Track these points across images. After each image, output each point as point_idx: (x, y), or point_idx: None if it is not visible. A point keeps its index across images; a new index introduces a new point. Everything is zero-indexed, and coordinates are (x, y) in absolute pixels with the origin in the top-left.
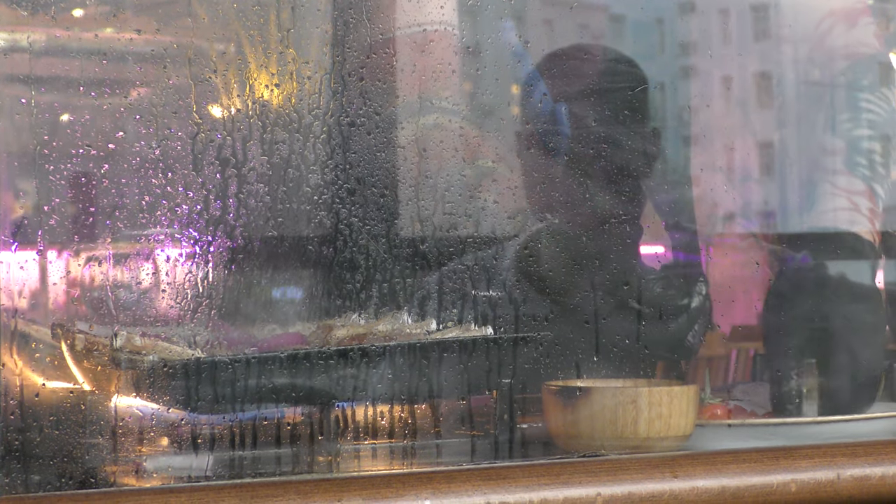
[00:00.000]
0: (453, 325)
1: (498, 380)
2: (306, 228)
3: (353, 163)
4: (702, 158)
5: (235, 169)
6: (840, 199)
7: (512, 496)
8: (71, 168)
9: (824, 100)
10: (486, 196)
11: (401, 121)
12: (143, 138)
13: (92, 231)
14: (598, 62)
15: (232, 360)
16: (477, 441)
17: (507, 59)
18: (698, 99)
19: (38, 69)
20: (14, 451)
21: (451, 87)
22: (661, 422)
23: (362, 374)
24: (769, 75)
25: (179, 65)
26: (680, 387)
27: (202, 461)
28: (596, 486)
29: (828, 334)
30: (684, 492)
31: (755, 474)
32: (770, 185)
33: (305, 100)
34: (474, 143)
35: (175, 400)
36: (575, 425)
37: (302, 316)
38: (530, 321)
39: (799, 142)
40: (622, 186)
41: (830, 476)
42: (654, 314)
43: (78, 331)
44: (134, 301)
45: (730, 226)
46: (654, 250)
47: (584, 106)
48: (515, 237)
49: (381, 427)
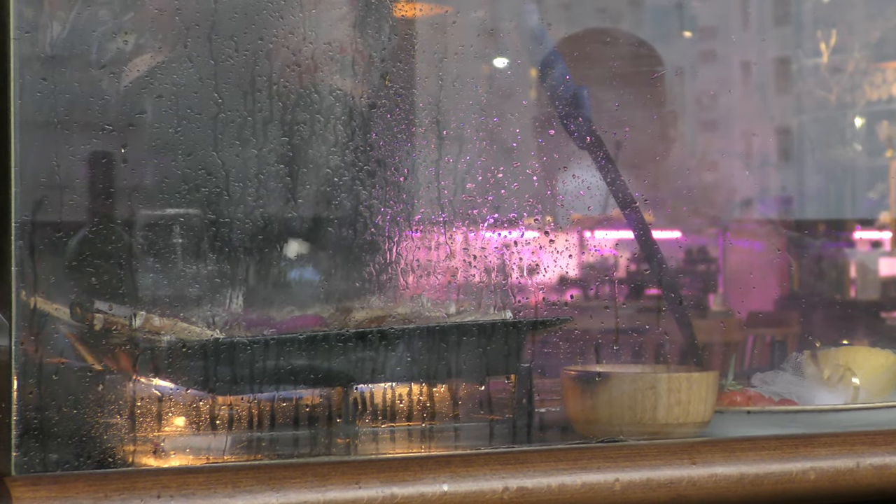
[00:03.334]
0: (472, 309)
1: (517, 363)
2: (326, 210)
3: (373, 144)
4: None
5: (255, 150)
6: None
7: (530, 481)
8: (91, 147)
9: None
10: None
11: (421, 102)
12: (163, 118)
13: (111, 211)
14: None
15: (250, 341)
16: (495, 425)
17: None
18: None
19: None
20: (32, 430)
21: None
22: (680, 408)
23: (381, 356)
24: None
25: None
26: (699, 373)
27: (220, 442)
28: (614, 472)
29: None
30: (703, 478)
31: (774, 462)
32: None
33: (326, 80)
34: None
35: (193, 380)
36: (593, 410)
37: (320, 298)
38: (550, 306)
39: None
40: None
41: (850, 464)
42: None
43: (97, 310)
44: (153, 281)
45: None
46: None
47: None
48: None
49: (399, 410)
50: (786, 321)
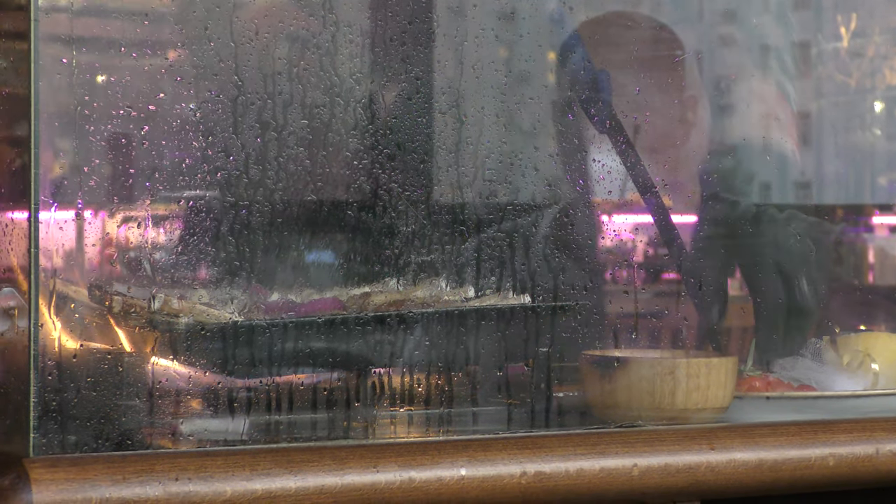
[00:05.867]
0: (491, 293)
1: (535, 348)
2: (345, 194)
3: (393, 128)
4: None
5: (275, 133)
6: None
7: (548, 465)
8: (111, 129)
9: None
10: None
11: (441, 87)
12: (183, 100)
13: (131, 192)
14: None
15: (269, 324)
16: (513, 410)
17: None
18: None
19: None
20: (51, 411)
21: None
22: (698, 393)
23: (399, 340)
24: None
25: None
26: (718, 358)
27: (238, 425)
28: (632, 457)
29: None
30: (721, 464)
31: (793, 447)
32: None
33: (346, 63)
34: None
35: (212, 363)
36: (612, 395)
37: (339, 281)
38: (569, 290)
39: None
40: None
41: (869, 451)
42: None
43: (116, 292)
44: (172, 263)
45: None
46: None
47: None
48: (555, 205)
49: (417, 394)
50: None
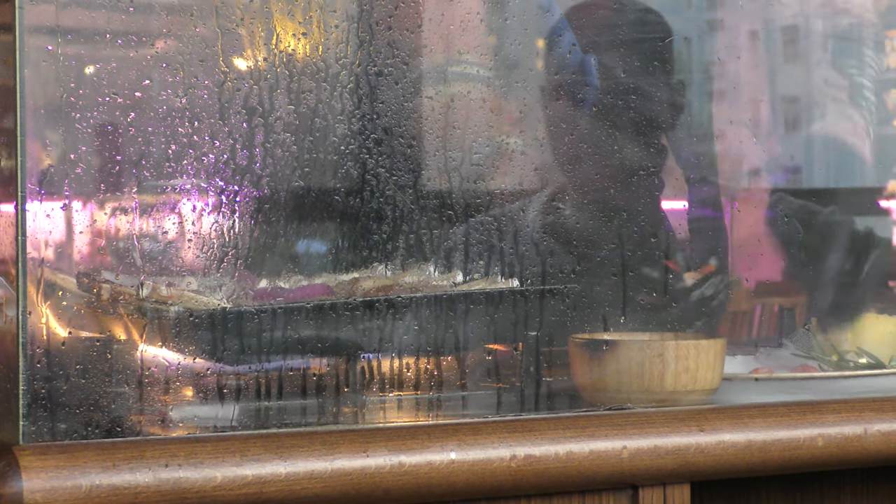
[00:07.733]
0: (479, 278)
1: (524, 332)
2: (333, 179)
3: (380, 113)
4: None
5: (262, 118)
6: None
7: (537, 448)
8: (97, 117)
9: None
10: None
11: (429, 72)
12: (169, 87)
13: (118, 180)
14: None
15: (258, 310)
16: (503, 393)
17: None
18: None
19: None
20: (40, 399)
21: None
22: (687, 375)
23: (388, 325)
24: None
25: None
26: (707, 340)
27: (228, 411)
28: (622, 440)
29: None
30: (710, 445)
31: (782, 428)
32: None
33: (332, 49)
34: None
35: (201, 350)
36: (601, 378)
37: (328, 267)
38: (557, 274)
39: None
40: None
41: (858, 431)
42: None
43: (104, 280)
44: (160, 251)
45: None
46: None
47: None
48: (542, 190)
49: (406, 379)
50: (793, 290)
